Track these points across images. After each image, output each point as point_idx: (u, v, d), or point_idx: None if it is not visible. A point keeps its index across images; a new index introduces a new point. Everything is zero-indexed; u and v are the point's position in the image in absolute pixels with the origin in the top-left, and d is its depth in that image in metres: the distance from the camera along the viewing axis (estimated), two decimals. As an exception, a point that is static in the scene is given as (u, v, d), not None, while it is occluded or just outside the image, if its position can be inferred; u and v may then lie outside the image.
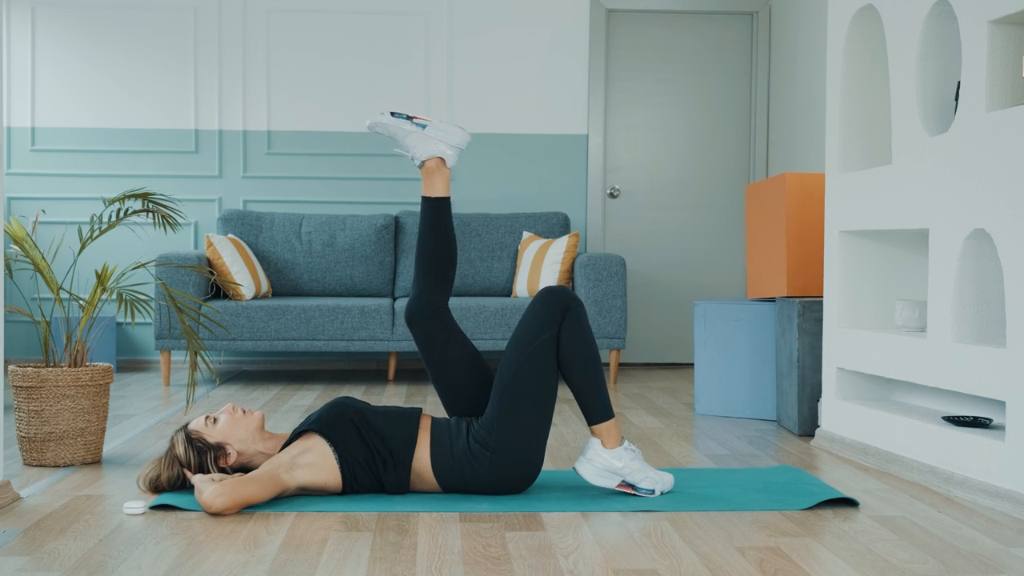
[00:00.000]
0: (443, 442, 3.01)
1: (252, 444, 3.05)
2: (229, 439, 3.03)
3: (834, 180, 3.96)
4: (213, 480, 2.87)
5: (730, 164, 6.85)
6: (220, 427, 3.04)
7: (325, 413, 3.03)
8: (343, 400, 3.09)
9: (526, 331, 3.00)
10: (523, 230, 6.33)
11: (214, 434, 3.03)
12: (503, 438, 2.96)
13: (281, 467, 2.93)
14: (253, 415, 3.09)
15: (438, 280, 3.15)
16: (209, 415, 3.08)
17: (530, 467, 3.02)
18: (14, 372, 3.47)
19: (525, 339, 2.99)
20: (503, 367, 3.00)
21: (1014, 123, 2.98)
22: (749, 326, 4.64)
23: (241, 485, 2.84)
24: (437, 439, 3.01)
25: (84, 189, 6.46)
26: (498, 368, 3.04)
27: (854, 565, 2.42)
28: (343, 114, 6.60)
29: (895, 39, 3.61)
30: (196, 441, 3.02)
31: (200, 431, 3.04)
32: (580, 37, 6.68)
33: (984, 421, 3.33)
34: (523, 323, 3.03)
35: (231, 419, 3.05)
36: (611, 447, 3.03)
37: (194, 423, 3.07)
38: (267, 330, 5.61)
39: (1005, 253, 3.01)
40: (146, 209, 3.81)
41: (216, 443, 3.02)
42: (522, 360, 2.97)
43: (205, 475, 2.93)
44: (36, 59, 6.47)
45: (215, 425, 3.04)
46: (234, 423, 3.05)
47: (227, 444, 3.03)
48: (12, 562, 2.40)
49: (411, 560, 2.44)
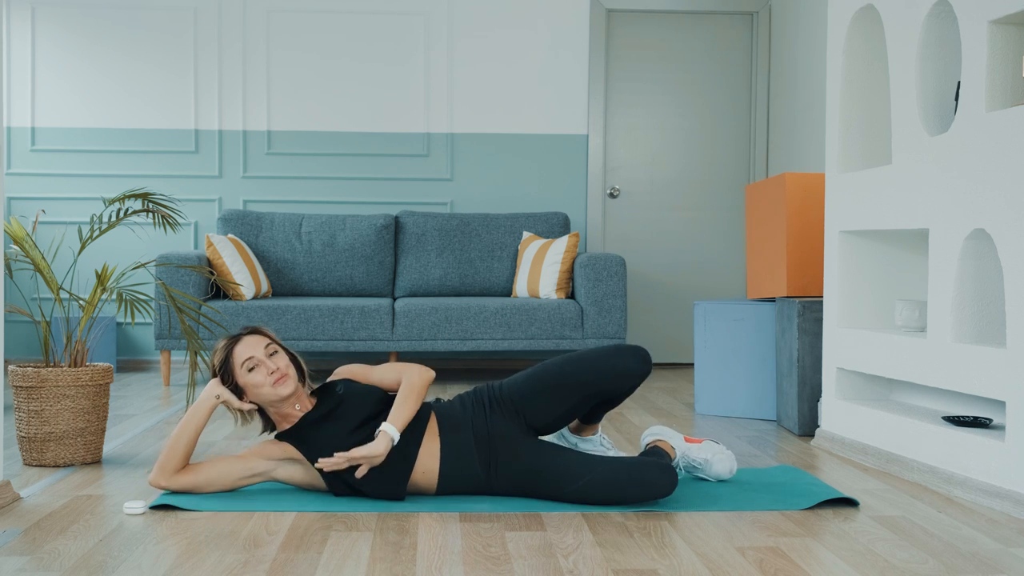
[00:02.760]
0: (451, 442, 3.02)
1: (270, 405, 3.01)
2: (249, 392, 2.99)
3: (834, 180, 3.96)
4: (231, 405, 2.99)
5: (730, 164, 6.85)
6: (249, 378, 2.97)
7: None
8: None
9: (594, 373, 3.06)
10: (523, 230, 6.33)
11: (240, 377, 2.98)
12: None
13: (260, 463, 3.00)
14: (279, 390, 2.96)
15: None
16: (253, 357, 2.97)
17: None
18: (14, 372, 3.46)
19: (589, 376, 3.05)
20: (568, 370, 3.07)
21: (1014, 123, 2.98)
22: (749, 326, 4.64)
23: (209, 471, 2.98)
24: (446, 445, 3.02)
25: (84, 189, 6.46)
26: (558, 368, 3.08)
27: (854, 565, 2.42)
28: (343, 114, 6.60)
29: (895, 39, 3.61)
30: (226, 371, 3.00)
31: (234, 367, 2.98)
32: (580, 37, 6.68)
33: (984, 421, 3.33)
34: (597, 364, 3.07)
35: (260, 379, 2.96)
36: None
37: (239, 352, 2.98)
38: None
39: (1005, 253, 3.01)
40: (146, 209, 3.81)
41: (238, 384, 3.00)
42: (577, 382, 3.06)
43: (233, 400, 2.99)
44: (36, 59, 6.47)
45: (248, 374, 2.97)
46: (257, 385, 2.96)
47: (246, 393, 3.00)
48: (12, 562, 2.40)
49: (411, 560, 2.44)
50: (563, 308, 5.75)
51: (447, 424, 3.02)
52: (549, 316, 5.72)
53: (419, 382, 2.99)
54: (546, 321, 5.72)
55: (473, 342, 5.72)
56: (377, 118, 6.61)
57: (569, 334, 5.74)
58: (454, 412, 3.05)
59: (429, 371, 3.03)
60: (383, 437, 2.88)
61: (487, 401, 3.06)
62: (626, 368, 3.06)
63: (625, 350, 3.09)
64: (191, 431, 2.97)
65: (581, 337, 5.75)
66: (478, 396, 3.09)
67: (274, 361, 2.98)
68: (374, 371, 3.13)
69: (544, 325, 5.72)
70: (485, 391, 3.10)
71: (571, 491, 2.91)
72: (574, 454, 2.96)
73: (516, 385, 3.08)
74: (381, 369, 3.13)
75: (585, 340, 5.75)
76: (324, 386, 3.11)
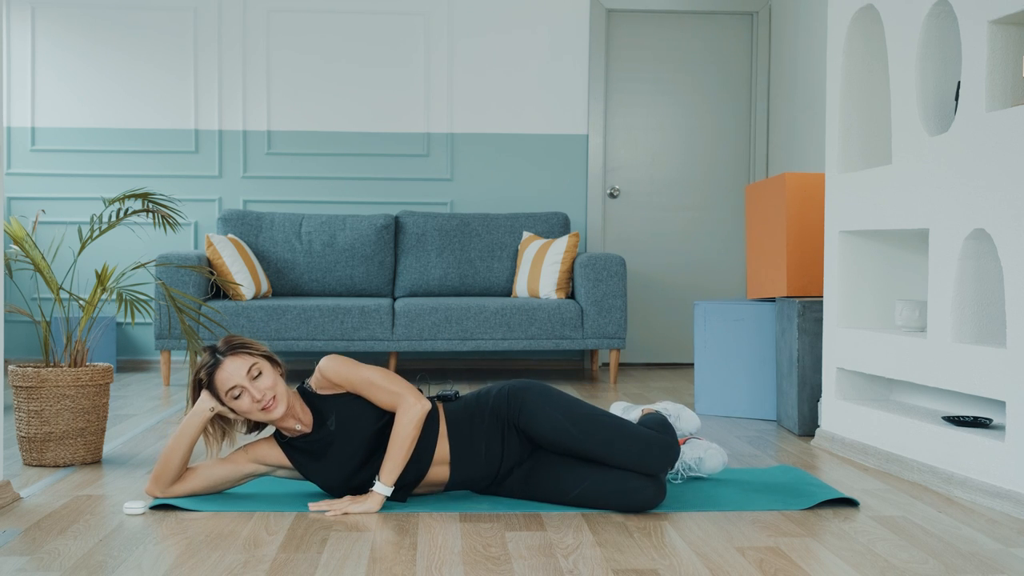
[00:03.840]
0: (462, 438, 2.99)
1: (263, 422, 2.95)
2: (240, 414, 2.89)
3: (834, 180, 3.96)
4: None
5: (730, 164, 6.85)
6: (236, 405, 2.85)
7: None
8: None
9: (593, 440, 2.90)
10: (523, 230, 6.33)
11: (227, 403, 2.86)
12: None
13: (256, 466, 2.99)
14: (271, 416, 2.85)
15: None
16: (237, 386, 2.83)
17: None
18: (14, 372, 3.46)
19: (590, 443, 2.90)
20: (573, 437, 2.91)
21: (1014, 123, 2.98)
22: (749, 326, 4.64)
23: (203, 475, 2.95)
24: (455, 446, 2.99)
25: (84, 189, 6.46)
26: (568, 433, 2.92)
27: (854, 565, 2.42)
28: (343, 114, 6.60)
29: (895, 39, 3.61)
30: (211, 391, 2.88)
31: (218, 393, 2.86)
32: (580, 37, 6.68)
33: (984, 421, 3.32)
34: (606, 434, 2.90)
35: (248, 407, 2.84)
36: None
37: (221, 380, 2.83)
38: (267, 330, 5.61)
39: (1005, 253, 3.01)
40: (146, 209, 3.81)
41: (226, 415, 2.90)
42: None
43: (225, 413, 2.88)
44: (36, 59, 6.47)
45: (234, 401, 2.85)
46: (246, 412, 2.85)
47: (237, 419, 2.92)
48: (12, 562, 2.40)
49: (411, 560, 2.44)
50: (563, 308, 5.75)
51: (460, 439, 2.97)
52: (549, 316, 5.72)
53: (412, 429, 2.85)
54: (546, 321, 5.72)
55: (473, 342, 5.72)
56: (377, 118, 6.61)
57: (569, 334, 5.74)
58: (468, 428, 2.98)
59: (423, 406, 2.87)
60: (375, 497, 2.85)
61: (506, 428, 2.97)
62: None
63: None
64: (185, 445, 2.89)
65: (581, 337, 5.75)
66: (496, 412, 2.98)
67: (258, 385, 2.83)
68: (361, 373, 2.93)
69: (544, 325, 5.72)
70: (504, 410, 2.97)
71: (567, 502, 2.93)
72: (564, 469, 2.93)
73: (553, 435, 2.92)
74: (372, 378, 2.92)
75: (585, 340, 5.75)
76: (315, 409, 2.96)
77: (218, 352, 2.88)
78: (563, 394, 2.99)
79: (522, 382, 3.01)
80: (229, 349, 2.88)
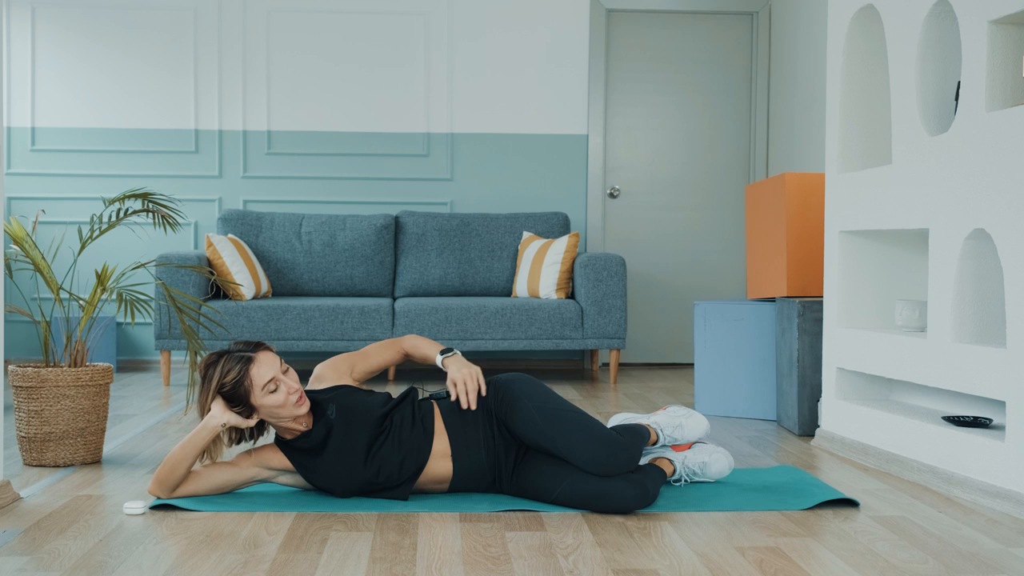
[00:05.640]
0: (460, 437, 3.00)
1: (279, 421, 2.93)
2: (262, 411, 2.89)
3: (834, 180, 3.96)
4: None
5: (730, 164, 6.85)
6: (268, 399, 2.86)
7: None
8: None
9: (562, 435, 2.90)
10: (523, 230, 6.33)
11: (258, 399, 2.87)
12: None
13: (259, 471, 3.00)
14: (301, 409, 2.89)
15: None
16: (275, 378, 2.85)
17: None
18: (14, 372, 3.46)
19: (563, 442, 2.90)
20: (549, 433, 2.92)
21: (1014, 123, 2.98)
22: (749, 326, 4.64)
23: (209, 478, 2.96)
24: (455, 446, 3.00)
25: (84, 189, 6.46)
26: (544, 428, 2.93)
27: (854, 565, 2.42)
28: (343, 114, 6.60)
29: (895, 39, 3.61)
30: (237, 393, 2.87)
31: (251, 389, 2.86)
32: (580, 37, 6.68)
33: (984, 421, 3.33)
34: (575, 429, 2.91)
35: (282, 399, 2.86)
36: None
37: (258, 375, 2.85)
38: (267, 330, 5.61)
39: (1005, 253, 3.01)
40: (146, 209, 3.81)
41: (250, 404, 2.88)
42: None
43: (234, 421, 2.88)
44: (36, 59, 6.47)
45: (268, 395, 2.86)
46: (278, 405, 2.86)
47: (257, 412, 2.90)
48: (12, 562, 2.40)
49: (411, 560, 2.44)
50: (563, 308, 5.75)
51: (456, 432, 3.00)
52: (549, 316, 5.72)
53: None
54: (546, 321, 5.72)
55: (473, 342, 5.72)
56: (377, 118, 6.61)
57: (569, 334, 5.74)
58: (462, 421, 3.01)
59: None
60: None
61: (496, 422, 3.01)
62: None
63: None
64: (193, 455, 2.89)
65: (581, 337, 5.75)
66: (486, 405, 3.02)
67: (290, 379, 2.90)
68: (358, 359, 3.08)
69: (544, 325, 5.71)
70: (492, 402, 3.01)
71: (551, 501, 2.93)
72: (547, 467, 2.94)
73: (523, 427, 2.95)
74: (364, 348, 3.17)
75: (585, 340, 5.75)
76: (315, 402, 2.99)
77: (244, 352, 2.90)
78: (547, 390, 3.01)
79: (509, 375, 3.06)
80: (258, 347, 2.93)
